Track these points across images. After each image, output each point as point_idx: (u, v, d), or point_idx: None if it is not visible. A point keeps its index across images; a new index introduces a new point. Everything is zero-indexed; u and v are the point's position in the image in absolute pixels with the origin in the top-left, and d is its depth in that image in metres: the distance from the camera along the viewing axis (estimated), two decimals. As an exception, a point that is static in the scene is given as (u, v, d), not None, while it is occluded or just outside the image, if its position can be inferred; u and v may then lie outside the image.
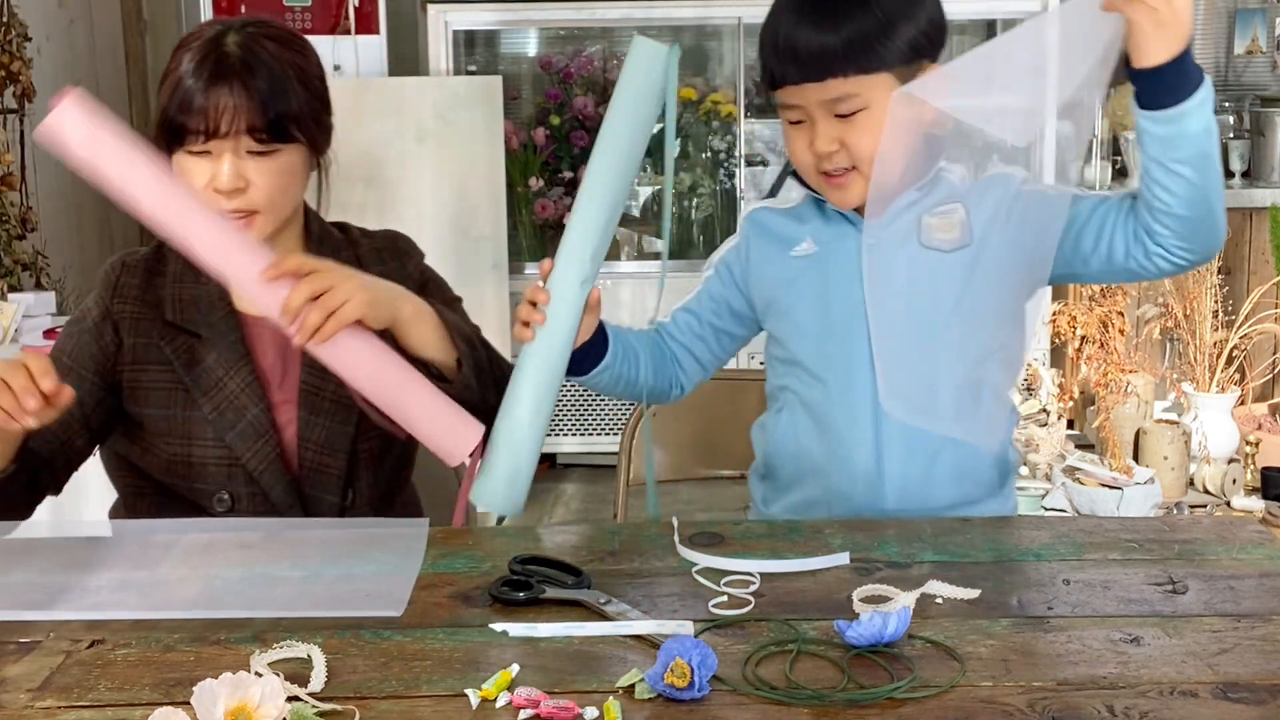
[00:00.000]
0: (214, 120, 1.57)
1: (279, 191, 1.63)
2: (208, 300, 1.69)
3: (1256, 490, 3.61)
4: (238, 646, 1.22)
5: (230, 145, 1.58)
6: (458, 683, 1.14)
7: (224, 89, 1.57)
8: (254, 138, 1.59)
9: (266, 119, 1.59)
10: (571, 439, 4.48)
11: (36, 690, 1.15)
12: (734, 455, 2.04)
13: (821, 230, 1.68)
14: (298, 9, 4.17)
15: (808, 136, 1.59)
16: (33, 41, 4.08)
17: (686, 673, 1.09)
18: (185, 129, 1.58)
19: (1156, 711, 1.08)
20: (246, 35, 1.62)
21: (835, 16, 1.55)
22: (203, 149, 1.59)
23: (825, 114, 1.57)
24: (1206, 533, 1.50)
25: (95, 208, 4.96)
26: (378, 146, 4.01)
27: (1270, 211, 4.27)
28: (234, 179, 1.59)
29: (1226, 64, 5.18)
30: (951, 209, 1.62)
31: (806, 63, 1.56)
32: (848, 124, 1.56)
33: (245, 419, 1.66)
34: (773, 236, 1.71)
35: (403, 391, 1.54)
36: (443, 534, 1.53)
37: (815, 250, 1.67)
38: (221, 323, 1.68)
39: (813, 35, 1.55)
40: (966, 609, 1.29)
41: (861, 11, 1.54)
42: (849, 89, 1.55)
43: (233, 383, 1.67)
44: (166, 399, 1.67)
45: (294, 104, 1.61)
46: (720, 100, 4.52)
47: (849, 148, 1.57)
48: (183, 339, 1.68)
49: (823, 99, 1.56)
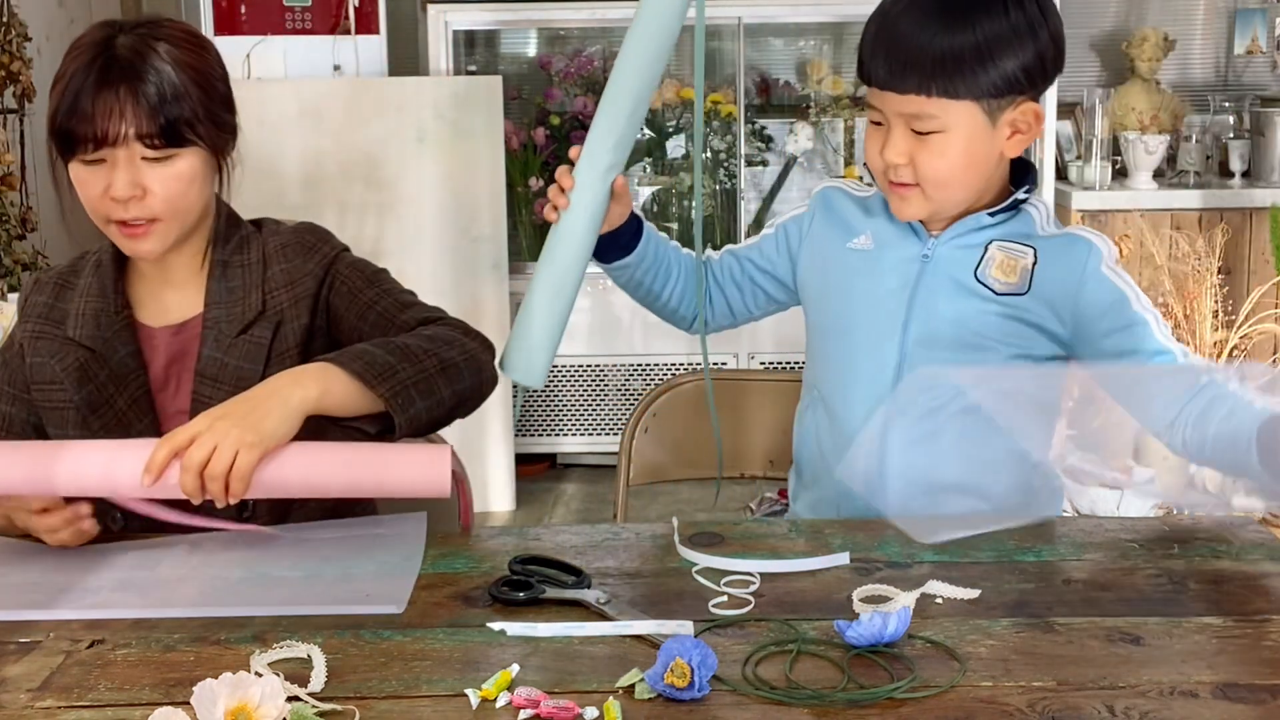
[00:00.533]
0: (103, 126, 1.52)
1: (179, 197, 1.58)
2: (107, 313, 1.65)
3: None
4: (238, 646, 1.22)
5: (124, 152, 1.53)
6: (458, 683, 1.14)
7: (112, 94, 1.52)
8: (145, 143, 1.54)
9: (158, 124, 1.53)
10: (572, 439, 4.48)
11: (36, 690, 1.15)
12: (734, 455, 2.04)
13: (884, 229, 1.64)
14: (298, 9, 4.16)
15: (881, 141, 1.56)
16: (33, 41, 4.07)
17: (686, 673, 1.09)
18: (75, 136, 1.53)
19: (1156, 711, 1.08)
20: (137, 37, 1.56)
21: (933, 30, 1.49)
22: (96, 157, 1.54)
23: (902, 125, 1.54)
24: (1206, 533, 1.50)
25: (95, 208, 4.96)
26: (378, 146, 4.01)
27: (1270, 211, 4.27)
28: (130, 186, 1.54)
29: (1226, 64, 5.17)
30: (1023, 251, 1.58)
31: (893, 70, 1.52)
32: (921, 141, 1.53)
33: (129, 436, 1.60)
34: (837, 220, 1.69)
35: (351, 472, 1.45)
36: (443, 534, 1.53)
37: (871, 248, 1.65)
38: (116, 337, 1.64)
39: (908, 43, 1.50)
40: (966, 609, 1.29)
41: (962, 33, 1.49)
42: (929, 109, 1.51)
43: (121, 399, 1.62)
44: (61, 418, 1.63)
45: (187, 107, 1.55)
46: (720, 100, 4.52)
47: (917, 165, 1.54)
48: (74, 356, 1.63)
49: (902, 110, 1.53)
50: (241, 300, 1.65)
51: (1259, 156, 4.73)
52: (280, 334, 1.64)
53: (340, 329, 1.68)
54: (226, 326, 1.64)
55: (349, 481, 1.45)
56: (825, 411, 1.68)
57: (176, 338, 1.66)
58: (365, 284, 1.68)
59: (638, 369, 4.43)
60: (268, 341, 1.63)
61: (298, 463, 1.43)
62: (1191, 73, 5.18)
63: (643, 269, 1.66)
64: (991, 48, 1.50)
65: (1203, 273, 3.77)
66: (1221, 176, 4.78)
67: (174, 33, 1.60)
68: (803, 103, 4.61)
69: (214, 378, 1.62)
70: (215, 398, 1.60)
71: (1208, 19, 5.16)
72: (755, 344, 4.36)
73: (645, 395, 2.04)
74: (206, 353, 1.63)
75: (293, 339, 1.65)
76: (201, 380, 1.63)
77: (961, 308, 1.59)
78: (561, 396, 4.46)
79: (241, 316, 1.64)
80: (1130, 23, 5.11)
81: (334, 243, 1.72)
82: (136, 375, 1.64)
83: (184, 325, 1.67)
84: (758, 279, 1.75)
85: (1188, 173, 4.71)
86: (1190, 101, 4.97)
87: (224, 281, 1.66)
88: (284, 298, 1.66)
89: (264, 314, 1.65)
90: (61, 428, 1.64)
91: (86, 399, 1.62)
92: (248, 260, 1.67)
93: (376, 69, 4.21)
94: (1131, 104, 4.82)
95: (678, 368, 4.40)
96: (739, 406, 2.03)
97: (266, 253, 1.69)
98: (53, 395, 1.64)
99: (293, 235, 1.71)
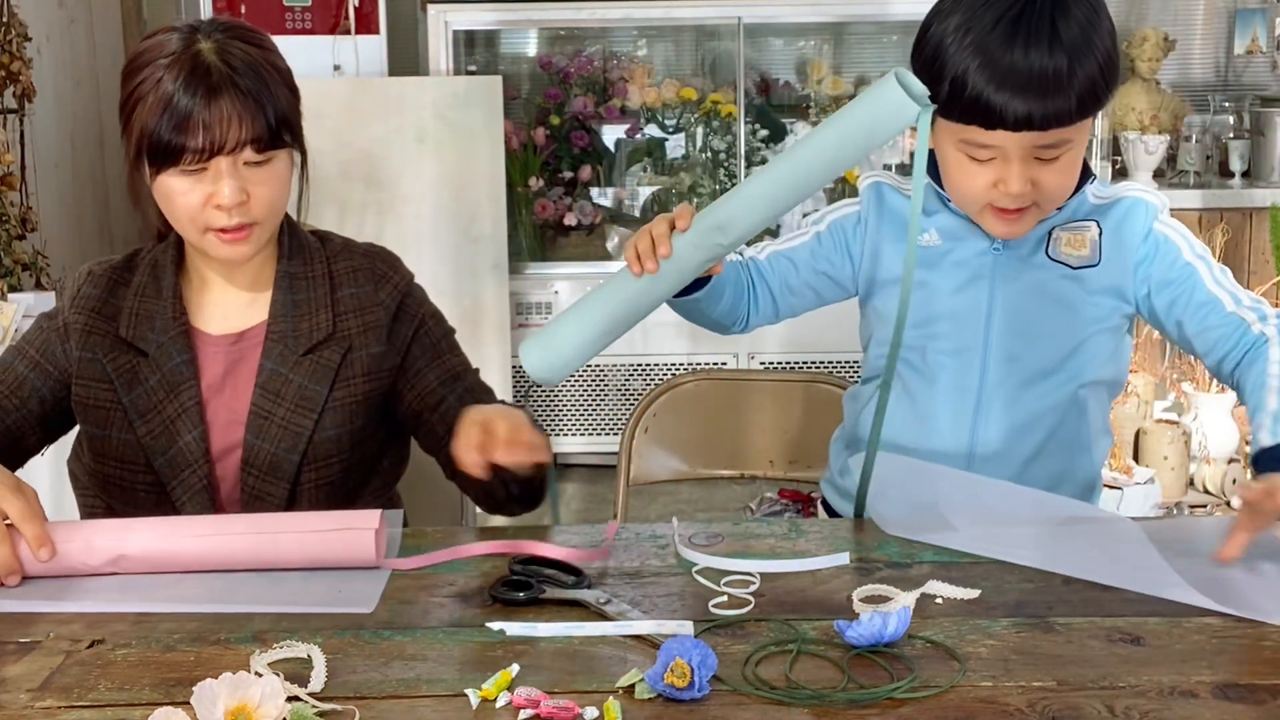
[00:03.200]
0: (217, 136, 1.51)
1: (278, 199, 1.59)
2: (163, 317, 1.63)
3: (1256, 490, 3.60)
4: (238, 646, 1.22)
5: (228, 160, 1.52)
6: (458, 683, 1.14)
7: (223, 102, 1.51)
8: (255, 148, 1.53)
9: (266, 128, 1.53)
10: (572, 439, 4.48)
11: (36, 690, 1.15)
12: (734, 455, 2.04)
13: (949, 224, 1.62)
14: (298, 9, 4.17)
15: (994, 175, 1.50)
16: (33, 41, 4.07)
17: (686, 673, 1.09)
18: (184, 149, 1.51)
19: (1156, 711, 1.08)
20: (216, 42, 1.54)
21: (1056, 55, 1.43)
22: (198, 166, 1.53)
23: (1028, 155, 1.48)
24: (1207, 532, 1.50)
25: (95, 208, 4.96)
26: (378, 146, 4.01)
27: (1270, 211, 4.27)
28: (238, 193, 1.53)
29: (1226, 64, 5.18)
30: (1085, 225, 1.59)
31: (1042, 108, 1.43)
32: (1045, 165, 1.49)
33: (176, 445, 1.61)
34: (896, 216, 1.66)
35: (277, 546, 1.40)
36: (443, 534, 1.53)
37: (940, 243, 1.63)
38: (171, 343, 1.62)
39: (1043, 78, 1.43)
40: (966, 609, 1.29)
41: (1086, 51, 1.45)
42: (1067, 135, 1.48)
43: (170, 407, 1.61)
44: (105, 418, 1.63)
45: (283, 106, 1.56)
46: (720, 100, 4.52)
47: (1041, 188, 1.50)
48: (127, 358, 1.62)
49: (1037, 143, 1.47)
50: (309, 317, 1.64)
51: (1259, 156, 4.74)
52: (348, 359, 1.64)
53: (409, 375, 1.68)
54: (292, 342, 1.63)
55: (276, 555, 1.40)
56: (906, 398, 1.66)
57: (234, 346, 1.65)
58: (448, 348, 1.70)
59: (638, 369, 4.43)
60: (335, 365, 1.63)
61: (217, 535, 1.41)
62: (1191, 73, 5.18)
63: (701, 302, 1.61)
64: (1098, 54, 1.47)
65: (1203, 273, 3.77)
66: (1221, 176, 4.78)
67: (247, 34, 1.59)
68: (803, 103, 4.61)
69: (276, 392, 1.61)
70: (275, 413, 1.61)
71: (1208, 19, 5.16)
72: (755, 344, 4.36)
73: (645, 395, 2.04)
74: (270, 366, 1.62)
75: (360, 366, 1.64)
76: (263, 393, 1.62)
77: (1042, 278, 1.59)
78: (562, 396, 4.46)
79: (309, 334, 1.63)
80: (1130, 23, 5.11)
81: (403, 272, 1.72)
82: (189, 384, 1.62)
83: (243, 335, 1.65)
84: (812, 282, 1.71)
85: (1188, 173, 4.71)
86: (1190, 101, 4.97)
87: (290, 294, 1.65)
88: (354, 323, 1.65)
89: (333, 336, 1.64)
90: (104, 428, 1.63)
91: (135, 403, 1.61)
92: (312, 274, 1.66)
93: (376, 69, 4.22)
94: (1131, 104, 4.82)
95: (678, 368, 4.41)
96: (739, 406, 2.03)
97: (334, 271, 1.68)
98: (99, 394, 1.63)
99: (364, 260, 1.70)
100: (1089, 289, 1.59)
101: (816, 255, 1.70)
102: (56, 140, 4.58)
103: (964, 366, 1.62)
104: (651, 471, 2.02)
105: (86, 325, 1.64)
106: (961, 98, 1.46)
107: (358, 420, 1.65)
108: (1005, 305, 1.60)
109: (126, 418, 1.62)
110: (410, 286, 1.71)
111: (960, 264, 1.62)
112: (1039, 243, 1.60)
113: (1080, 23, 1.46)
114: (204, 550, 1.40)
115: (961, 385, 1.62)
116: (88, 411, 1.64)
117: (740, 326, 1.72)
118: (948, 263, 1.62)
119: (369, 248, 1.73)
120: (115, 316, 1.65)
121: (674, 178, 4.60)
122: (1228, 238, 4.18)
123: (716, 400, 2.05)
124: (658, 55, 4.86)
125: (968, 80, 1.45)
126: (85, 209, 4.86)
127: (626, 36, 4.80)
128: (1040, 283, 1.59)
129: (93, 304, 1.65)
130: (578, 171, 4.57)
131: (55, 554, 1.38)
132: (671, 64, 4.86)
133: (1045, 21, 1.44)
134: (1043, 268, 1.60)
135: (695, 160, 4.61)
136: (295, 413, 1.61)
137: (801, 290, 1.72)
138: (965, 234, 1.62)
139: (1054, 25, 1.44)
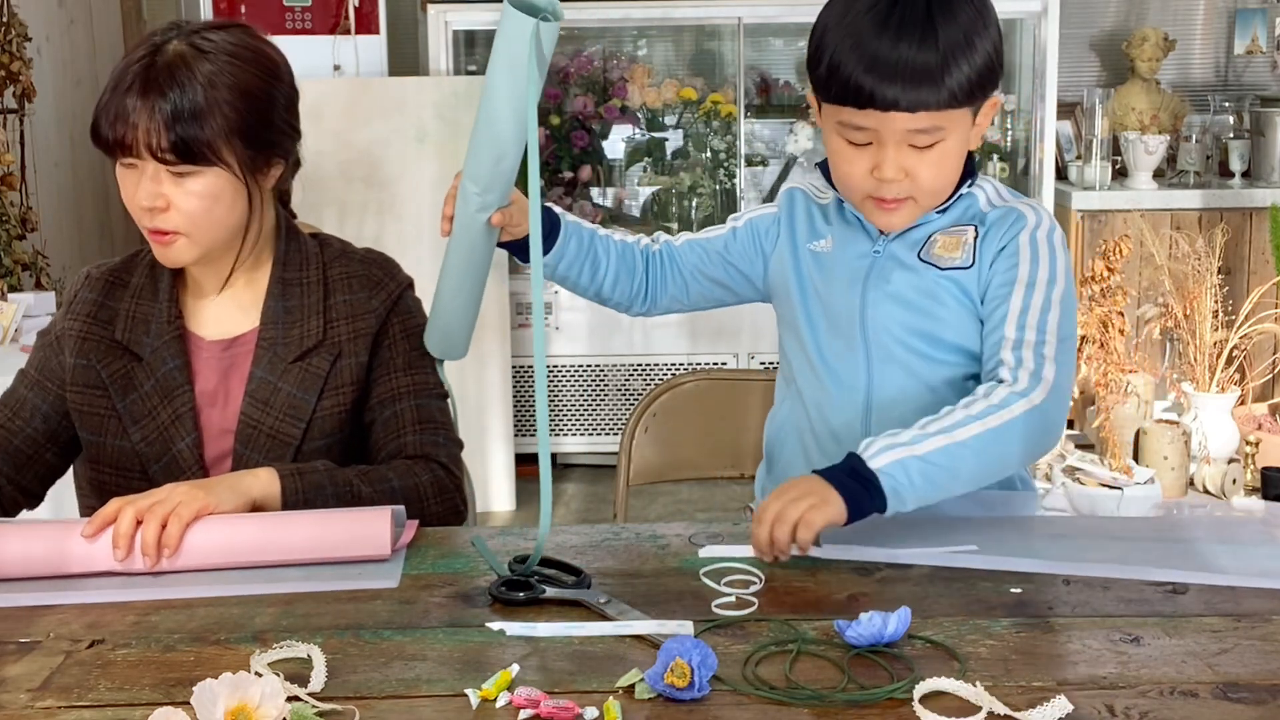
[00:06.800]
0: (121, 133, 1.50)
1: (200, 214, 1.54)
2: (159, 320, 1.63)
3: (1256, 490, 3.61)
4: (238, 646, 1.22)
5: (156, 162, 1.51)
6: (458, 683, 1.14)
7: (138, 103, 1.49)
8: (157, 158, 1.51)
9: (170, 141, 1.49)
10: (573, 439, 4.49)
11: (36, 690, 1.15)
12: (734, 455, 2.04)
13: (841, 232, 1.65)
14: (298, 9, 4.17)
15: (871, 160, 1.52)
16: (33, 41, 4.08)
17: (686, 673, 1.09)
18: (108, 140, 1.52)
19: (1156, 711, 1.08)
20: (189, 45, 1.52)
21: (928, 42, 1.46)
22: (129, 161, 1.52)
23: (901, 142, 1.50)
24: (1206, 532, 1.50)
25: (95, 208, 4.97)
26: (378, 146, 4.01)
27: (1270, 211, 4.27)
28: (151, 197, 1.52)
29: (1226, 64, 5.18)
30: (963, 230, 1.60)
31: (905, 90, 1.46)
32: (920, 154, 1.51)
33: (170, 453, 1.60)
34: (803, 222, 1.70)
35: (293, 532, 1.42)
36: (443, 534, 1.53)
37: (831, 250, 1.65)
38: (165, 347, 1.62)
39: (910, 62, 1.45)
40: (966, 609, 1.29)
41: (956, 40, 1.46)
42: (939, 121, 1.49)
43: (165, 413, 1.60)
44: (101, 425, 1.62)
45: (210, 127, 1.51)
46: (720, 100, 4.52)
47: (916, 178, 1.52)
48: (121, 363, 1.62)
49: (909, 128, 1.49)
50: (300, 324, 1.63)
51: (1259, 156, 4.74)
52: (337, 367, 1.63)
53: (369, 385, 1.66)
54: (282, 349, 1.62)
55: (292, 545, 1.41)
56: (801, 406, 1.69)
57: (227, 352, 1.65)
58: (404, 366, 1.67)
59: (638, 369, 4.43)
60: (324, 372, 1.62)
61: (241, 523, 1.43)
62: (1191, 73, 5.18)
63: (565, 265, 1.66)
64: (978, 46, 1.49)
65: (1203, 273, 3.77)
66: (1221, 176, 4.78)
67: (229, 44, 1.55)
68: (803, 103, 4.61)
69: (264, 401, 1.61)
70: (264, 422, 1.60)
71: (1208, 19, 5.16)
72: (755, 344, 4.36)
73: (645, 395, 2.04)
74: (259, 374, 1.61)
75: (349, 375, 1.64)
76: (251, 402, 1.61)
77: (911, 280, 1.60)
78: (562, 396, 4.46)
79: (299, 341, 1.63)
80: (1130, 23, 5.11)
81: (399, 277, 1.71)
82: (183, 390, 1.61)
83: (236, 340, 1.65)
84: (721, 276, 1.74)
85: (1188, 173, 4.72)
86: (1190, 101, 4.97)
87: (282, 301, 1.64)
88: (344, 330, 1.64)
89: (323, 343, 1.63)
90: (98, 434, 1.63)
91: (129, 409, 1.61)
92: (307, 280, 1.65)
93: (376, 69, 4.22)
94: (1131, 104, 4.82)
95: (678, 368, 4.41)
96: (739, 406, 2.04)
97: (329, 277, 1.67)
98: (94, 400, 1.62)
99: (361, 266, 1.69)
100: (954, 291, 1.59)
101: (730, 248, 1.74)
102: (56, 140, 4.58)
103: (851, 368, 1.63)
104: (651, 471, 2.02)
105: (82, 331, 1.64)
106: (835, 78, 1.51)
107: (346, 430, 1.65)
108: (874, 306, 1.61)
109: (121, 424, 1.61)
110: (401, 295, 1.70)
111: (844, 266, 1.64)
112: (916, 246, 1.61)
113: (964, 25, 1.48)
114: (220, 541, 1.40)
115: (852, 385, 1.63)
116: (84, 418, 1.64)
117: (643, 306, 1.75)
118: (836, 265, 1.65)
119: (367, 253, 1.72)
120: (111, 320, 1.64)
121: (674, 178, 4.60)
122: (1228, 238, 4.19)
123: (716, 400, 2.05)
124: (658, 55, 4.86)
125: (840, 60, 1.49)
126: (85, 209, 4.86)
127: (626, 36, 4.80)
128: (909, 284, 1.60)
129: (89, 309, 1.65)
130: (578, 171, 4.57)
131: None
132: (671, 64, 4.87)
133: (919, 15, 1.47)
134: (913, 270, 1.60)
135: (695, 160, 4.61)
136: (284, 422, 1.61)
137: (713, 277, 1.75)
138: (852, 239, 1.64)
139: (930, 21, 1.47)
